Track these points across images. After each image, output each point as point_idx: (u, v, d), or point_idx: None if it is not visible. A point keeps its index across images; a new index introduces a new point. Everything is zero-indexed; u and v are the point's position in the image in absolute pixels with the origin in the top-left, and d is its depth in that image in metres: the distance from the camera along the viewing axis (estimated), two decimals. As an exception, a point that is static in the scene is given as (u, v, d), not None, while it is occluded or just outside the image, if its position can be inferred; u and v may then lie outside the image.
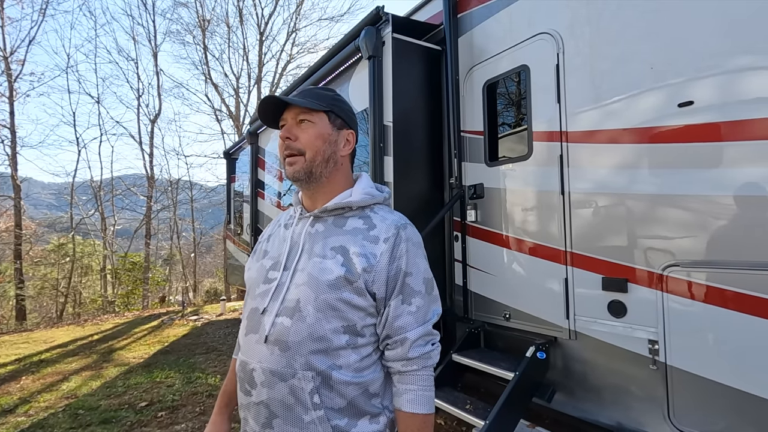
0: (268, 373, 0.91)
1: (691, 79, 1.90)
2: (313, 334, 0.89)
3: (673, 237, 1.93)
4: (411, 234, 0.97)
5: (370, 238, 0.94)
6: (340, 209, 0.99)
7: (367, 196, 1.01)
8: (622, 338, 2.10)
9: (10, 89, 13.61)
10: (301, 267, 0.95)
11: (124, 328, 8.06)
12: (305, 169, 0.98)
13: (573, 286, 2.32)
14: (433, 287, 1.00)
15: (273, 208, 5.57)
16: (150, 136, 16.96)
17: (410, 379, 0.94)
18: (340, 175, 1.03)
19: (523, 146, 2.64)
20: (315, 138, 0.98)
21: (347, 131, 1.04)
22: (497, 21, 2.84)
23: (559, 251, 2.38)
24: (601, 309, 2.18)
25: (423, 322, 0.95)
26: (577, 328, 2.30)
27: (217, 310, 9.51)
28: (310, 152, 0.97)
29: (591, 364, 2.29)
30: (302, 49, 18.49)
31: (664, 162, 1.97)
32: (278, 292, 0.95)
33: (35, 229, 15.27)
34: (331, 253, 0.93)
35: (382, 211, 1.01)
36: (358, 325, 0.92)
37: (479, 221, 2.90)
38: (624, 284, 2.09)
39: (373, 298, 0.93)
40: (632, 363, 2.07)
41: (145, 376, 4.66)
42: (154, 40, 17.16)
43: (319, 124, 0.99)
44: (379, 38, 2.95)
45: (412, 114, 3.03)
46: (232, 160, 7.88)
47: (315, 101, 0.99)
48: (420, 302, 0.95)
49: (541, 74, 2.51)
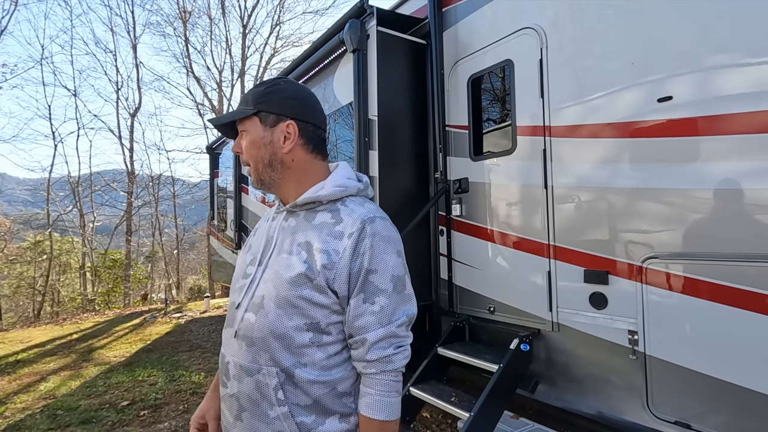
0: (238, 367, 0.91)
1: (671, 76, 1.94)
2: (275, 331, 0.88)
3: (653, 230, 1.98)
4: (379, 228, 0.90)
5: (334, 234, 0.89)
6: (310, 203, 0.95)
7: (338, 188, 0.95)
8: (603, 329, 2.14)
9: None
10: (271, 263, 0.94)
11: (104, 326, 7.89)
12: (255, 179, 0.97)
13: (556, 278, 2.35)
14: (405, 286, 0.92)
15: (257, 203, 5.51)
16: (130, 130, 16.57)
17: (370, 383, 0.89)
18: (298, 173, 0.97)
19: (507, 141, 2.66)
20: (249, 148, 0.95)
21: (284, 123, 0.94)
22: (481, 15, 2.84)
23: (543, 245, 2.41)
24: (582, 301, 2.22)
25: (386, 323, 0.88)
26: (559, 320, 2.34)
27: (201, 307, 9.38)
28: (252, 162, 0.96)
29: (573, 355, 2.33)
30: (286, 43, 18.22)
31: (644, 156, 2.01)
32: (250, 287, 0.95)
33: (10, 226, 14.80)
34: (296, 249, 0.91)
35: (353, 203, 0.95)
36: (322, 323, 0.89)
37: (464, 215, 2.92)
38: (605, 276, 2.13)
39: (335, 296, 0.89)
40: (612, 353, 2.11)
41: (126, 375, 4.57)
42: (133, 31, 16.72)
43: (251, 130, 0.95)
44: (363, 31, 2.92)
45: (397, 108, 3.02)
46: (215, 155, 7.76)
47: (242, 107, 0.96)
48: (384, 302, 0.88)
49: (524, 69, 2.53)
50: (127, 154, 16.27)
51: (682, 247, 1.88)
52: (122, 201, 16.76)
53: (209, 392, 1.13)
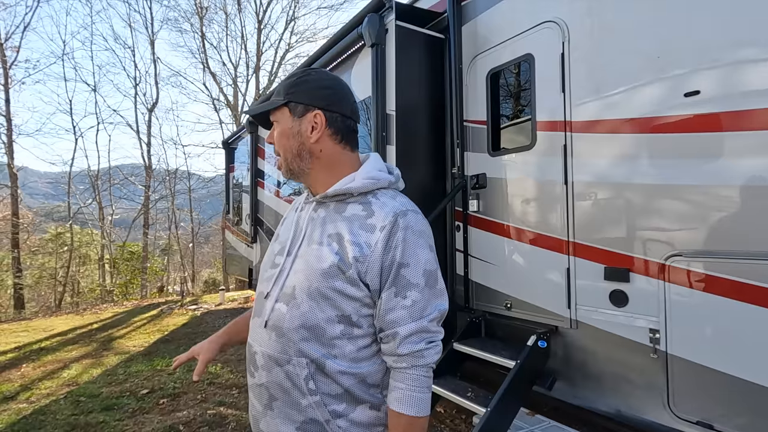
0: (266, 358, 0.92)
1: (698, 70, 1.89)
2: (306, 323, 0.88)
3: (676, 227, 1.94)
4: (411, 221, 0.90)
5: (366, 227, 0.89)
6: (341, 195, 0.95)
7: (369, 180, 0.94)
8: (623, 327, 2.12)
9: (5, 76, 13.46)
10: (301, 253, 0.94)
11: (123, 317, 8.07)
12: (285, 168, 0.99)
13: (575, 275, 2.32)
14: (437, 280, 0.92)
15: (273, 197, 5.56)
16: (147, 125, 16.86)
17: (400, 377, 0.88)
18: (327, 163, 0.97)
19: (526, 136, 2.63)
20: (279, 138, 0.97)
21: (311, 113, 0.94)
22: (502, 9, 2.81)
23: (562, 241, 2.38)
24: (602, 298, 2.19)
25: (418, 318, 0.87)
26: (578, 318, 2.31)
27: (216, 300, 9.53)
28: (282, 152, 0.98)
29: (591, 352, 2.31)
30: (301, 38, 18.34)
31: (668, 152, 1.97)
32: (280, 277, 0.95)
33: (32, 218, 15.21)
34: (327, 240, 0.91)
35: (385, 196, 0.95)
36: (353, 315, 0.89)
37: (481, 211, 2.90)
38: (626, 274, 2.10)
39: (367, 289, 0.88)
40: (633, 352, 2.08)
41: (145, 364, 4.68)
42: (151, 27, 16.97)
43: (281, 120, 0.97)
44: (382, 26, 2.91)
45: (414, 103, 3.02)
46: (231, 149, 7.84)
47: (274, 98, 0.98)
48: (416, 296, 0.88)
49: (545, 63, 2.50)
50: (145, 148, 16.57)
51: (707, 244, 1.84)
52: (140, 195, 17.08)
53: (212, 337, 1.14)
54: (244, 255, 7.02)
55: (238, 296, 9.89)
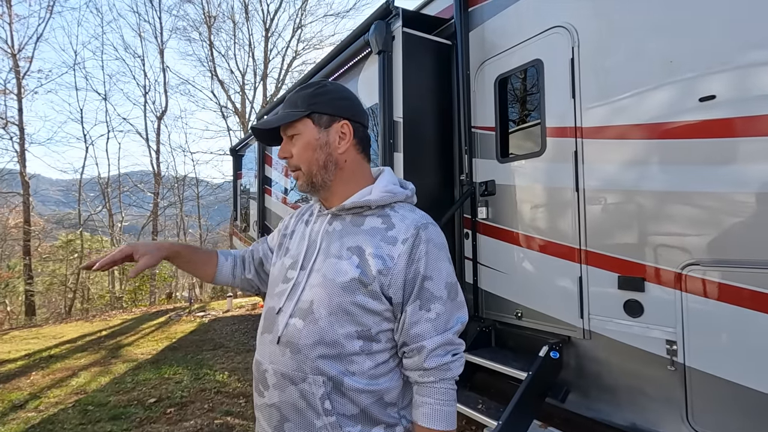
0: (279, 376, 0.89)
1: (713, 73, 1.85)
2: (325, 338, 0.86)
3: (693, 235, 1.89)
4: (432, 234, 0.90)
5: (387, 239, 0.88)
6: (358, 208, 0.94)
7: (387, 194, 0.95)
8: (638, 338, 2.06)
9: (18, 86, 13.70)
10: (317, 267, 0.92)
11: (131, 324, 8.11)
12: (306, 182, 0.96)
13: (587, 284, 2.27)
14: (458, 293, 0.93)
15: (280, 204, 5.56)
16: (156, 132, 17.04)
17: (427, 392, 0.88)
18: (349, 174, 0.97)
19: (536, 142, 2.59)
20: (303, 150, 0.94)
21: (338, 124, 0.94)
22: (510, 14, 2.78)
23: (573, 249, 2.33)
24: (616, 308, 2.14)
25: (443, 330, 0.88)
26: (591, 328, 2.26)
27: (223, 307, 9.54)
28: (305, 166, 0.95)
29: (606, 364, 2.25)
30: (308, 46, 18.48)
31: (683, 158, 1.92)
32: (294, 292, 0.93)
33: (44, 226, 15.41)
34: (346, 254, 0.90)
35: (403, 209, 0.95)
36: (373, 330, 0.88)
37: (490, 218, 2.86)
38: (641, 283, 2.04)
39: (389, 303, 0.88)
40: (649, 363, 2.03)
41: (153, 372, 4.68)
42: (160, 36, 17.21)
43: (304, 132, 0.94)
44: (389, 33, 2.90)
45: (422, 110, 3.00)
46: (239, 156, 7.88)
47: (294, 110, 0.94)
48: (440, 308, 0.88)
49: (555, 68, 2.46)
50: (154, 156, 16.74)
51: (726, 253, 1.79)
52: (149, 202, 17.23)
53: (161, 244, 1.07)
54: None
55: (246, 303, 9.89)
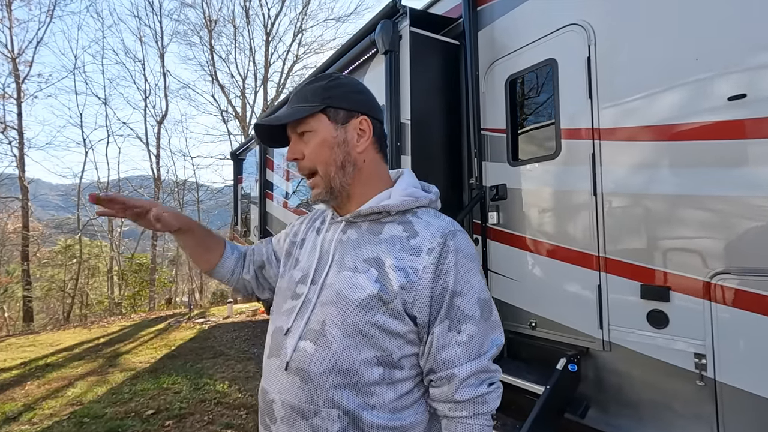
0: (288, 408, 0.77)
1: (742, 71, 1.75)
2: (339, 365, 0.74)
3: (723, 242, 1.78)
4: (462, 243, 0.79)
5: (410, 249, 0.77)
6: (375, 214, 0.83)
7: (408, 198, 0.84)
8: (663, 351, 1.95)
9: (17, 90, 13.63)
10: (329, 282, 0.81)
11: (130, 330, 7.98)
12: (325, 188, 0.85)
13: (607, 293, 2.16)
14: (492, 310, 0.81)
15: (281, 209, 5.46)
16: (157, 137, 16.96)
17: (458, 428, 0.75)
18: (367, 176, 0.86)
19: (549, 144, 2.49)
20: (319, 149, 0.83)
21: (356, 119, 0.84)
22: (520, 13, 2.69)
23: (591, 256, 2.23)
24: (639, 319, 2.03)
25: (476, 356, 0.76)
26: (611, 339, 2.15)
27: (224, 313, 9.41)
28: (321, 167, 0.84)
29: (628, 377, 2.13)
30: (308, 50, 18.38)
31: (712, 161, 1.81)
32: (303, 310, 0.82)
33: (42, 231, 15.29)
34: (363, 266, 0.79)
35: (427, 215, 0.84)
36: (395, 355, 0.76)
37: (501, 224, 2.76)
38: (665, 293, 1.93)
39: (413, 323, 0.76)
40: (675, 378, 1.91)
41: (151, 382, 4.55)
42: (160, 41, 17.16)
43: (319, 129, 0.83)
44: (395, 32, 2.81)
45: (430, 111, 2.90)
46: (239, 161, 7.79)
47: (305, 104, 0.83)
48: (473, 329, 0.76)
49: (570, 68, 2.37)
50: (154, 160, 16.65)
51: (760, 261, 1.68)
52: (148, 206, 17.10)
53: (182, 216, 0.96)
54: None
55: (246, 308, 9.77)
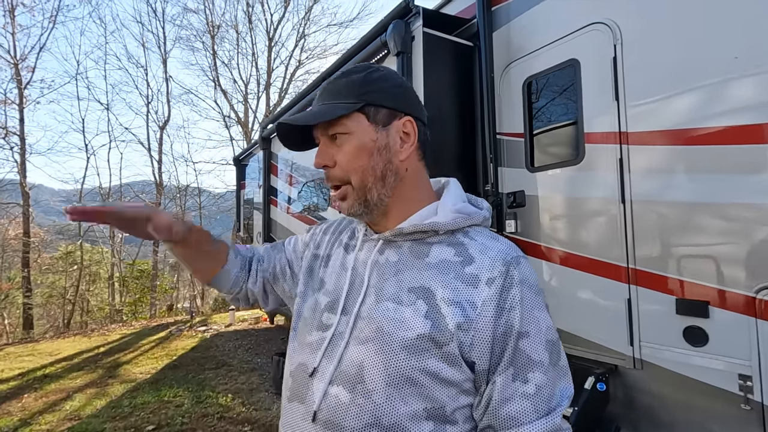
0: None
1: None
2: (382, 420, 0.61)
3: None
4: (527, 273, 0.67)
5: (465, 278, 0.65)
6: (421, 233, 0.70)
7: (459, 215, 0.71)
8: (702, 370, 1.81)
9: (20, 96, 13.59)
10: (365, 313, 0.68)
11: (131, 339, 7.84)
12: (359, 201, 0.72)
13: (637, 307, 2.03)
14: (560, 354, 0.67)
15: (286, 215, 5.34)
16: (159, 142, 16.90)
17: None
18: (409, 187, 0.73)
19: (572, 149, 2.37)
20: (356, 156, 0.70)
21: (400, 120, 0.71)
22: (538, 13, 2.58)
23: (620, 268, 2.09)
24: (674, 335, 1.89)
25: (546, 412, 0.62)
26: (643, 357, 2.01)
27: (225, 320, 9.27)
28: (356, 177, 0.71)
29: (661, 397, 1.99)
30: (311, 55, 18.37)
31: (757, 166, 1.69)
32: (333, 346, 0.68)
33: (43, 237, 15.19)
34: (408, 297, 0.65)
35: (481, 236, 0.71)
36: (448, 407, 0.63)
37: (519, 232, 2.63)
38: (704, 308, 1.80)
39: (471, 369, 0.63)
40: (717, 400, 1.77)
41: (152, 395, 4.41)
42: (163, 46, 17.14)
43: (356, 131, 0.70)
44: (408, 33, 2.70)
45: (443, 115, 2.78)
46: (242, 166, 7.69)
47: (340, 101, 0.70)
48: (541, 379, 0.63)
49: (594, 69, 2.25)
50: (156, 165, 16.57)
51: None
52: (150, 212, 17.01)
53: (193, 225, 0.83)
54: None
55: (249, 316, 9.62)
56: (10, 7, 13.46)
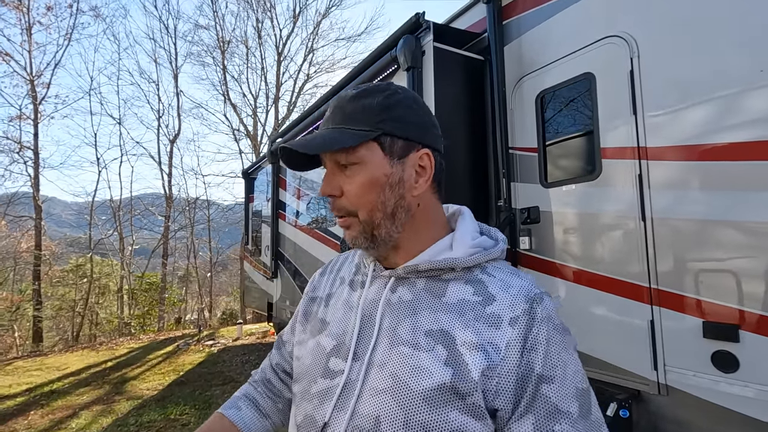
0: None
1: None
2: None
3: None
4: (551, 311, 0.60)
5: (487, 318, 0.59)
6: (436, 270, 0.64)
7: (476, 249, 0.65)
8: (732, 398, 1.71)
9: (35, 111, 13.86)
10: (379, 359, 0.61)
11: (138, 353, 7.80)
12: (363, 234, 0.65)
13: (661, 330, 1.94)
14: (591, 405, 0.58)
15: (294, 229, 5.31)
16: (169, 156, 17.09)
17: None
18: (420, 222, 0.67)
19: (588, 164, 2.31)
20: (366, 190, 0.63)
21: (417, 153, 0.65)
22: (550, 27, 2.54)
23: (641, 288, 2.01)
24: (702, 360, 1.80)
25: None
26: (668, 382, 1.91)
27: (233, 334, 9.21)
28: (364, 212, 0.64)
29: (689, 426, 1.89)
30: (320, 69, 18.56)
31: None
32: (346, 397, 0.61)
33: (54, 250, 15.35)
34: (426, 342, 0.59)
35: (501, 272, 0.65)
36: None
37: (534, 249, 2.56)
38: (734, 332, 1.71)
39: (492, 418, 0.56)
40: (748, 430, 1.67)
41: (158, 412, 4.35)
42: (174, 62, 17.46)
43: (369, 163, 0.63)
44: (418, 47, 2.68)
45: (454, 129, 2.74)
46: (251, 179, 7.72)
47: (353, 127, 0.63)
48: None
49: (609, 82, 2.20)
50: (166, 178, 16.74)
51: None
52: (160, 225, 17.15)
53: None
54: (263, 288, 6.74)
55: (256, 330, 9.56)
56: (27, 25, 13.84)
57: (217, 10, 17.81)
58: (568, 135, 2.49)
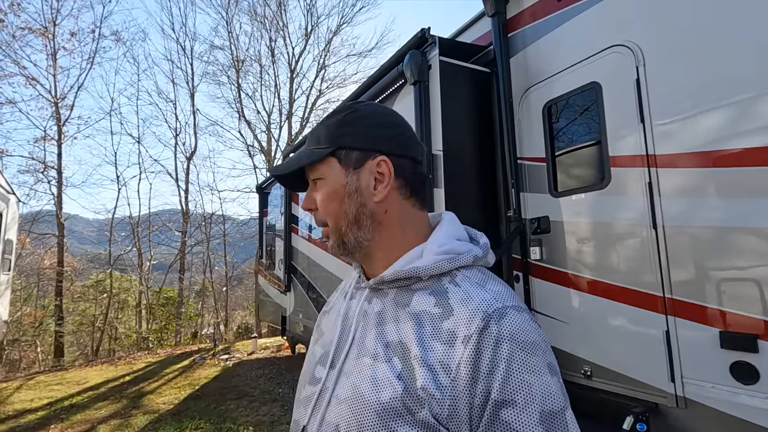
0: None
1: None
2: None
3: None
4: (515, 326, 0.54)
5: (441, 334, 0.56)
6: (403, 279, 0.64)
7: (444, 256, 0.62)
8: (754, 411, 1.66)
9: (59, 133, 14.37)
10: (347, 368, 0.62)
11: (155, 368, 7.89)
12: (336, 242, 0.69)
13: (677, 340, 1.90)
14: (564, 427, 0.52)
15: (306, 243, 5.36)
16: (186, 172, 17.45)
17: None
18: (394, 230, 0.67)
19: (597, 173, 2.30)
20: (328, 201, 0.68)
21: (374, 161, 0.66)
22: (555, 38, 2.56)
23: (655, 297, 1.98)
24: (720, 371, 1.75)
25: None
26: (686, 394, 1.86)
27: (248, 348, 9.24)
28: (331, 221, 0.68)
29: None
30: (331, 84, 18.85)
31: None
32: (320, 402, 0.63)
33: (76, 266, 15.73)
34: (384, 352, 0.59)
35: (468, 282, 0.61)
36: None
37: (545, 259, 2.54)
38: (753, 342, 1.66)
39: None
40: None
41: (174, 427, 4.38)
42: (191, 81, 17.93)
43: (328, 176, 0.67)
44: (425, 62, 2.73)
45: (462, 141, 2.77)
46: (265, 194, 7.83)
47: (316, 147, 0.69)
48: None
49: (616, 91, 2.20)
50: (183, 195, 17.08)
51: None
52: (176, 240, 17.46)
53: None
54: (277, 302, 6.79)
55: (271, 344, 9.58)
56: (52, 51, 14.44)
57: (231, 30, 18.27)
58: (576, 144, 2.48)
